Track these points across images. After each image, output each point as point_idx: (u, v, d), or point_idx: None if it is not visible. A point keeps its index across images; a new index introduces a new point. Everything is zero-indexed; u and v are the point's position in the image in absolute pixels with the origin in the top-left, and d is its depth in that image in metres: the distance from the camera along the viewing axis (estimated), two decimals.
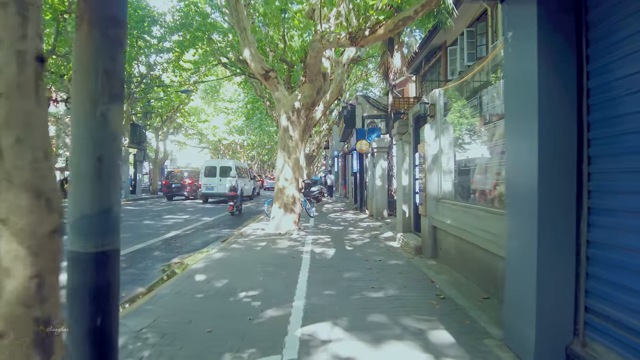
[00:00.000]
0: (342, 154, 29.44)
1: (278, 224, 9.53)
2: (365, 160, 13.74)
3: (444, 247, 6.04)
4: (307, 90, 9.45)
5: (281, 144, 9.72)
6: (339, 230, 10.14)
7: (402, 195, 8.23)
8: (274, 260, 6.44)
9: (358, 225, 11.20)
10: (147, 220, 12.94)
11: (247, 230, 10.01)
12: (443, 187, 6.25)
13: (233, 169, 21.60)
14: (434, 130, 6.34)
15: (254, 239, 8.59)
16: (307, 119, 9.95)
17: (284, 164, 9.63)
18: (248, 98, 29.68)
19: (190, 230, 10.80)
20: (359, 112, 18.48)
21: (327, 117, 32.96)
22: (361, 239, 8.60)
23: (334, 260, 6.50)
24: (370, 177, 13.32)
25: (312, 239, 8.54)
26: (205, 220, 13.29)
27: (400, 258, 6.56)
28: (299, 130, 9.76)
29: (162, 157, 32.78)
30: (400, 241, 7.77)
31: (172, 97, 28.93)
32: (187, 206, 19.67)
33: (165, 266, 6.59)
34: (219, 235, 10.05)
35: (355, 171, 17.61)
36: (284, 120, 9.64)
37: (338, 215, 13.99)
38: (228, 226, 11.86)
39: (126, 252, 7.55)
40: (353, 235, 9.14)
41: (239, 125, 42.77)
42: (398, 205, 8.67)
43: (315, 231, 9.79)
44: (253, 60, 9.74)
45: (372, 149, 12.38)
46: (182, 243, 8.77)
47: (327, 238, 8.73)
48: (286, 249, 7.48)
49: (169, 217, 13.96)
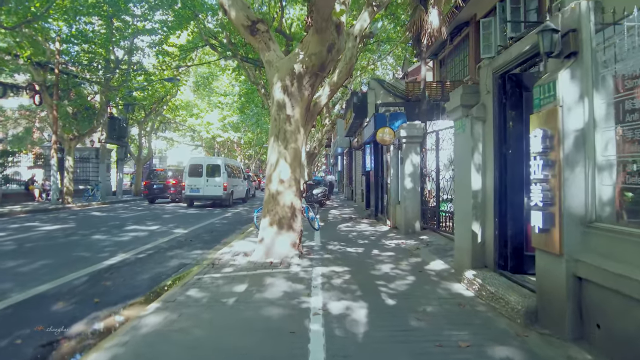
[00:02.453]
0: (348, 151, 26.22)
1: (269, 248, 6.31)
2: (386, 155, 10.55)
3: (610, 323, 2.85)
4: (314, 46, 6.24)
5: (274, 128, 6.51)
6: (359, 255, 6.92)
7: (471, 207, 5.02)
8: (254, 345, 3.24)
9: (383, 244, 7.99)
10: (98, 234, 9.73)
11: (224, 255, 6.77)
12: (601, 198, 3.06)
13: (222, 168, 18.43)
14: (580, 82, 3.14)
15: (230, 277, 5.37)
16: (312, 92, 6.73)
17: (279, 158, 6.42)
18: (242, 88, 26.54)
19: (146, 253, 7.59)
20: (372, 99, 15.33)
21: (329, 110, 29.81)
22: (400, 277, 5.39)
23: (371, 339, 3.30)
24: (393, 176, 10.12)
25: (323, 276, 5.33)
26: (176, 233, 10.07)
27: (501, 337, 3.35)
28: (301, 107, 6.55)
29: (146, 155, 29.52)
30: (475, 286, 4.56)
31: (157, 87, 25.66)
32: (166, 211, 16.44)
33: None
34: (182, 261, 6.84)
35: (368, 169, 14.40)
36: (279, 92, 6.42)
37: (350, 227, 10.77)
38: (203, 243, 8.65)
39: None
40: (384, 267, 5.92)
41: (234, 121, 39.69)
42: (460, 221, 5.46)
43: (324, 258, 6.57)
44: (233, 5, 6.55)
45: (399, 140, 9.18)
46: (116, 282, 5.55)
47: (346, 274, 5.51)
48: (279, 304, 4.26)
49: (131, 229, 10.74)
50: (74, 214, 15.47)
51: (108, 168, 28.02)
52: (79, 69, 21.49)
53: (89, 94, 23.23)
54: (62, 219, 13.44)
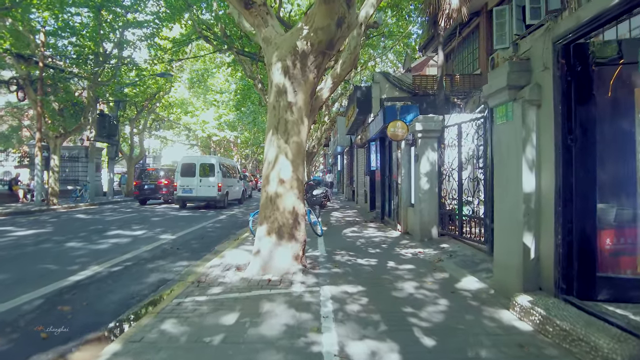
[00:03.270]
0: (349, 149, 25.19)
1: (267, 261, 5.25)
2: (396, 152, 9.50)
3: None
4: (321, 19, 5.18)
5: (273, 119, 5.45)
6: (373, 268, 5.86)
7: (521, 214, 3.97)
8: None
9: (397, 253, 6.94)
10: (74, 241, 8.65)
11: (213, 270, 5.70)
12: None
13: (216, 167, 17.35)
14: None
15: (217, 301, 4.31)
16: (318, 75, 5.67)
17: (278, 153, 5.37)
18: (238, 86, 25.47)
19: (123, 265, 6.52)
20: (376, 93, 14.32)
21: (329, 107, 28.75)
22: (430, 300, 4.33)
23: None
24: (404, 176, 9.09)
25: (334, 301, 4.27)
26: (162, 240, 8.99)
27: None
28: (305, 92, 5.49)
29: (138, 154, 28.36)
30: (533, 317, 3.52)
31: (149, 83, 24.52)
32: (156, 214, 15.34)
33: None
34: (163, 276, 5.77)
35: (373, 168, 13.36)
36: (279, 75, 5.36)
37: (356, 232, 9.72)
38: (190, 252, 7.59)
39: None
40: (406, 286, 4.86)
41: (230, 119, 38.62)
42: (503, 231, 4.42)
43: (332, 273, 5.51)
44: None
45: (414, 134, 8.15)
46: (77, 306, 4.47)
47: (362, 296, 4.45)
48: (280, 346, 3.19)
49: (113, 235, 9.66)
50: (56, 216, 14.36)
51: (98, 168, 26.84)
52: (66, 64, 20.38)
53: (77, 89, 22.10)
54: (42, 222, 12.33)
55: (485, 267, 5.41)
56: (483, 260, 5.75)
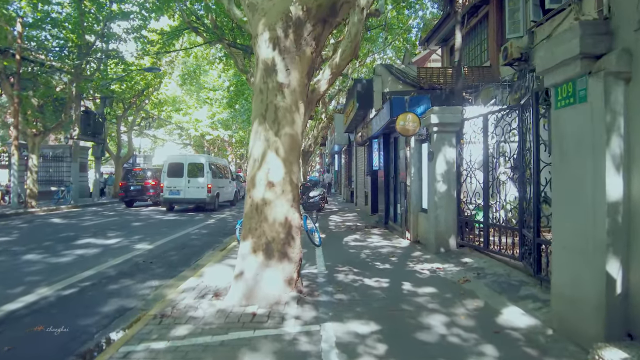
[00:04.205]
0: (347, 148, 24.03)
1: (251, 287, 4.08)
2: (405, 149, 8.35)
3: None
4: None
5: (259, 105, 4.29)
6: (386, 293, 4.70)
7: (604, 231, 2.83)
8: None
9: (412, 270, 5.79)
10: (34, 253, 7.46)
11: (185, 296, 4.51)
12: None
13: (206, 167, 16.15)
14: None
15: (180, 349, 3.12)
16: (317, 49, 4.50)
17: (266, 149, 4.20)
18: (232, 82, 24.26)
19: (79, 285, 5.35)
20: (378, 87, 13.23)
21: (326, 104, 27.61)
22: (472, 347, 3.18)
23: None
24: (414, 176, 7.95)
25: (339, 347, 3.11)
26: (136, 250, 7.81)
27: None
28: (300, 70, 4.32)
29: (126, 153, 27.07)
30: None
31: (137, 78, 23.25)
32: (140, 217, 14.14)
33: None
34: (123, 303, 4.60)
35: (376, 168, 12.21)
36: (266, 48, 4.19)
37: (359, 240, 8.56)
38: (165, 268, 6.41)
39: None
40: (433, 322, 3.70)
41: (224, 118, 37.40)
42: (568, 253, 3.27)
43: (336, 302, 4.35)
44: None
45: (427, 129, 7.02)
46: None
47: (376, 341, 3.29)
48: None
49: (82, 244, 8.46)
50: (29, 221, 13.13)
51: (84, 168, 25.56)
52: (48, 57, 19.11)
53: (59, 84, 20.81)
54: (10, 228, 11.11)
55: (529, 293, 4.27)
56: (523, 283, 4.61)
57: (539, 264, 4.31)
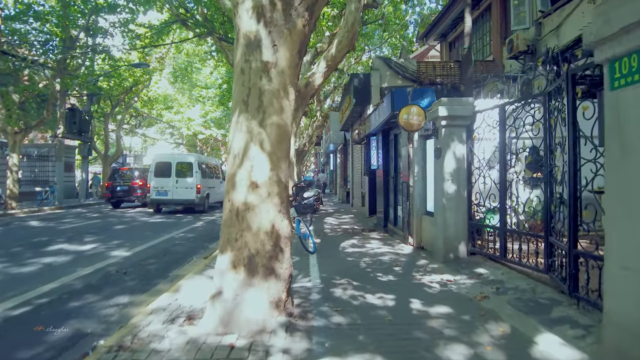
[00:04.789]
0: (343, 147, 23.31)
1: (231, 310, 3.34)
2: (408, 146, 7.63)
3: None
4: None
5: (240, 88, 3.53)
6: (393, 315, 3.97)
7: None
8: None
9: (419, 282, 5.07)
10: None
11: (152, 320, 3.74)
12: None
13: (195, 166, 15.37)
14: None
15: None
16: (311, 22, 3.75)
17: (249, 142, 3.46)
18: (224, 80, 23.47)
19: (36, 302, 4.58)
20: (376, 82, 12.53)
21: (321, 103, 26.85)
22: None
23: None
24: (418, 176, 7.24)
25: None
26: (111, 258, 7.04)
27: None
28: (290, 48, 3.57)
29: (115, 152, 26.16)
30: None
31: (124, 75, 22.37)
32: (124, 220, 13.33)
33: None
34: (80, 326, 3.84)
35: (374, 167, 11.48)
36: (248, 18, 3.44)
37: (357, 246, 7.83)
38: (140, 280, 5.66)
39: None
40: (455, 357, 2.99)
41: (217, 117, 36.58)
42: (622, 274, 2.55)
43: (333, 327, 3.61)
44: None
45: (434, 123, 6.31)
46: None
47: None
48: None
49: (52, 251, 7.68)
50: (6, 223, 12.30)
51: (70, 167, 24.65)
52: (31, 52, 18.25)
53: (42, 80, 19.92)
54: None
55: (565, 316, 3.56)
56: (554, 302, 3.90)
57: (576, 281, 3.60)
